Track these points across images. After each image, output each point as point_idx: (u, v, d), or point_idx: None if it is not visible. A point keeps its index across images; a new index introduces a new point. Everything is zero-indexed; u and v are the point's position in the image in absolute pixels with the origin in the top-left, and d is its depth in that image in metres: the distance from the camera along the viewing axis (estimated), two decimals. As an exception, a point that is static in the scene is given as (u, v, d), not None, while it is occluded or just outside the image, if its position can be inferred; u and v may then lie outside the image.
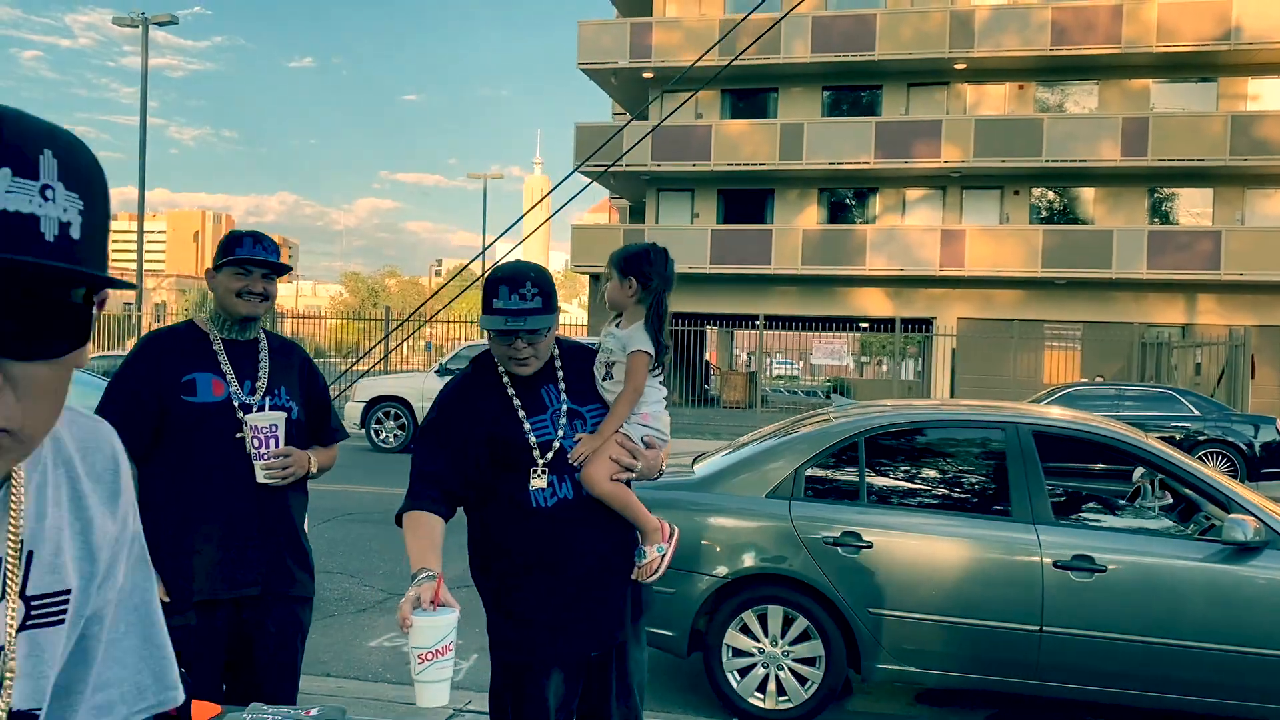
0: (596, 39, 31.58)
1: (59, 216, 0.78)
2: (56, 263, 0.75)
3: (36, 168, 0.78)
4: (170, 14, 30.05)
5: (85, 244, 0.80)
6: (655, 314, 3.00)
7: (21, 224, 0.76)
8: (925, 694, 5.89)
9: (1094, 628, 4.98)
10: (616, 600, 2.90)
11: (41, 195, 0.78)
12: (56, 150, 0.80)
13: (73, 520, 0.99)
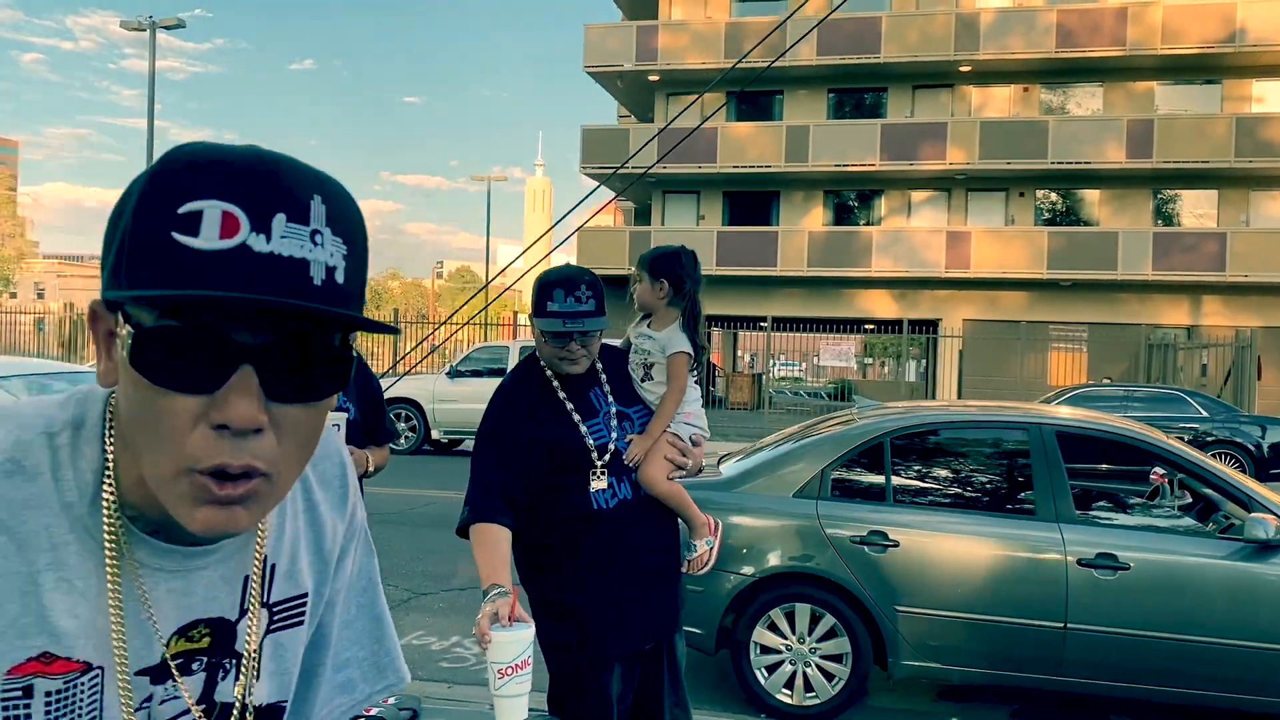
0: (603, 42, 31.67)
1: (326, 261, 0.79)
2: (325, 307, 0.76)
3: (308, 213, 0.79)
4: (177, 17, 30.13)
5: (348, 287, 0.81)
6: (691, 315, 3.09)
7: (293, 268, 0.77)
8: (948, 690, 5.97)
9: (1117, 624, 5.07)
10: (671, 595, 2.99)
11: (311, 240, 0.78)
12: (325, 196, 0.81)
13: (307, 529, 1.04)
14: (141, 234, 0.77)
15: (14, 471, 0.85)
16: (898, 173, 29.57)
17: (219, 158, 0.79)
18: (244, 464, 0.78)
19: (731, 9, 32.22)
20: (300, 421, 0.82)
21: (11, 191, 56.97)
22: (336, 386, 0.83)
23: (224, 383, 0.77)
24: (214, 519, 0.80)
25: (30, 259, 62.46)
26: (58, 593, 0.85)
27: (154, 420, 0.78)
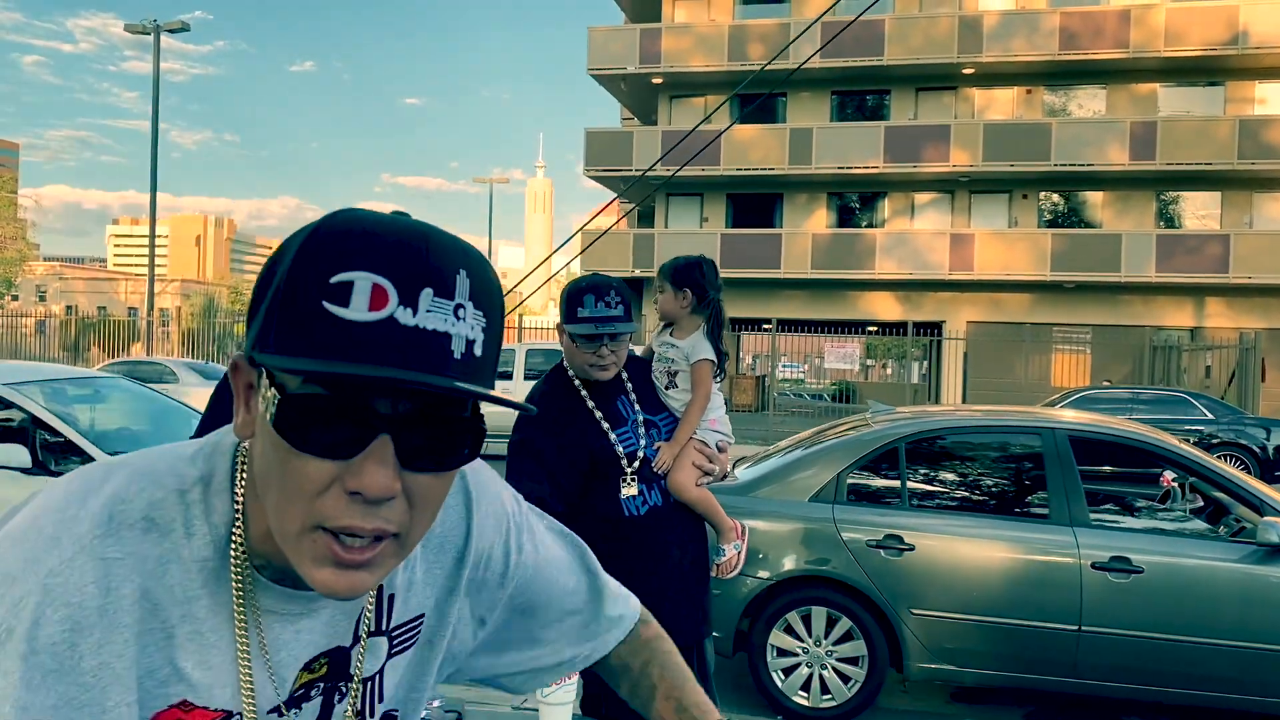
0: (606, 45, 31.73)
1: (467, 335, 0.81)
2: (465, 385, 0.78)
3: (453, 288, 0.81)
4: (181, 20, 30.20)
5: (484, 360, 0.83)
6: (715, 322, 3.15)
7: (435, 342, 0.79)
8: (961, 692, 6.03)
9: (1131, 627, 5.13)
10: (700, 599, 3.05)
11: (454, 314, 0.80)
12: (469, 270, 0.83)
13: (428, 553, 1.07)
14: (293, 299, 0.80)
15: (150, 529, 0.88)
16: (901, 175, 29.63)
17: (372, 229, 0.81)
18: (375, 528, 0.81)
19: (735, 12, 32.28)
20: (430, 487, 0.84)
21: (12, 194, 56.92)
22: (468, 456, 0.85)
23: (362, 450, 0.79)
24: (336, 581, 0.82)
25: (32, 261, 62.46)
26: (191, 644, 0.88)
27: (289, 479, 0.81)
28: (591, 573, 1.30)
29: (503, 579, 1.14)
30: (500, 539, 1.13)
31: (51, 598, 0.82)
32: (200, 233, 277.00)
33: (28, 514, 0.89)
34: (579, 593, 1.24)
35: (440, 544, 1.07)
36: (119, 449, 6.94)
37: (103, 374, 8.47)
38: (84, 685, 0.83)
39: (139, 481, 0.90)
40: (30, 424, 6.92)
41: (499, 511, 1.13)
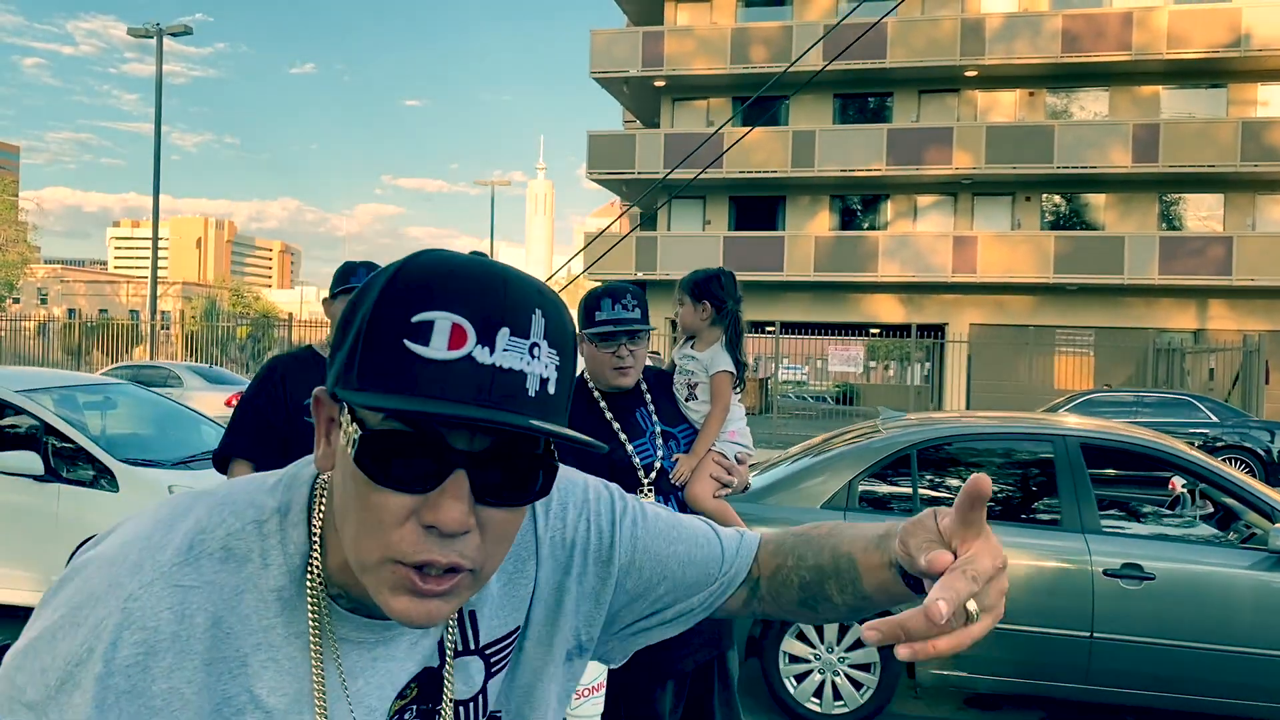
0: (609, 48, 31.76)
1: (541, 373, 0.83)
2: (539, 425, 0.80)
3: (529, 328, 0.83)
4: (183, 24, 30.23)
5: (557, 397, 0.85)
6: (734, 333, 3.17)
7: (511, 380, 0.81)
8: (973, 699, 6.03)
9: (1143, 633, 5.14)
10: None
11: (530, 353, 0.83)
12: (545, 310, 0.85)
13: (507, 567, 1.07)
14: (376, 338, 0.82)
15: (228, 559, 0.91)
16: (904, 177, 29.65)
17: (452, 270, 0.84)
18: (450, 561, 0.83)
19: (737, 14, 32.31)
20: (503, 522, 0.86)
21: (13, 197, 56.97)
22: (542, 492, 0.87)
23: (438, 485, 0.82)
24: (413, 610, 0.84)
25: (33, 264, 62.50)
26: (266, 672, 0.90)
27: (367, 512, 0.83)
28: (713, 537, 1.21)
29: (605, 565, 1.11)
30: (587, 526, 1.11)
31: (129, 621, 0.86)
32: (201, 235, 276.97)
33: (117, 539, 0.93)
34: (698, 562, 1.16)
35: (517, 553, 1.07)
36: (129, 455, 6.96)
37: (111, 380, 8.48)
38: (153, 709, 0.86)
39: (220, 512, 0.93)
40: (42, 431, 6.93)
41: (579, 500, 1.13)
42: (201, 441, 7.97)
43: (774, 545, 1.17)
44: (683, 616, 1.16)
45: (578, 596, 1.10)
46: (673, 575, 1.14)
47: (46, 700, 0.85)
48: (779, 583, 1.14)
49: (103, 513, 6.69)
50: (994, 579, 0.85)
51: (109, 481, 6.74)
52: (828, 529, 1.13)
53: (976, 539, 0.86)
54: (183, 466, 7.14)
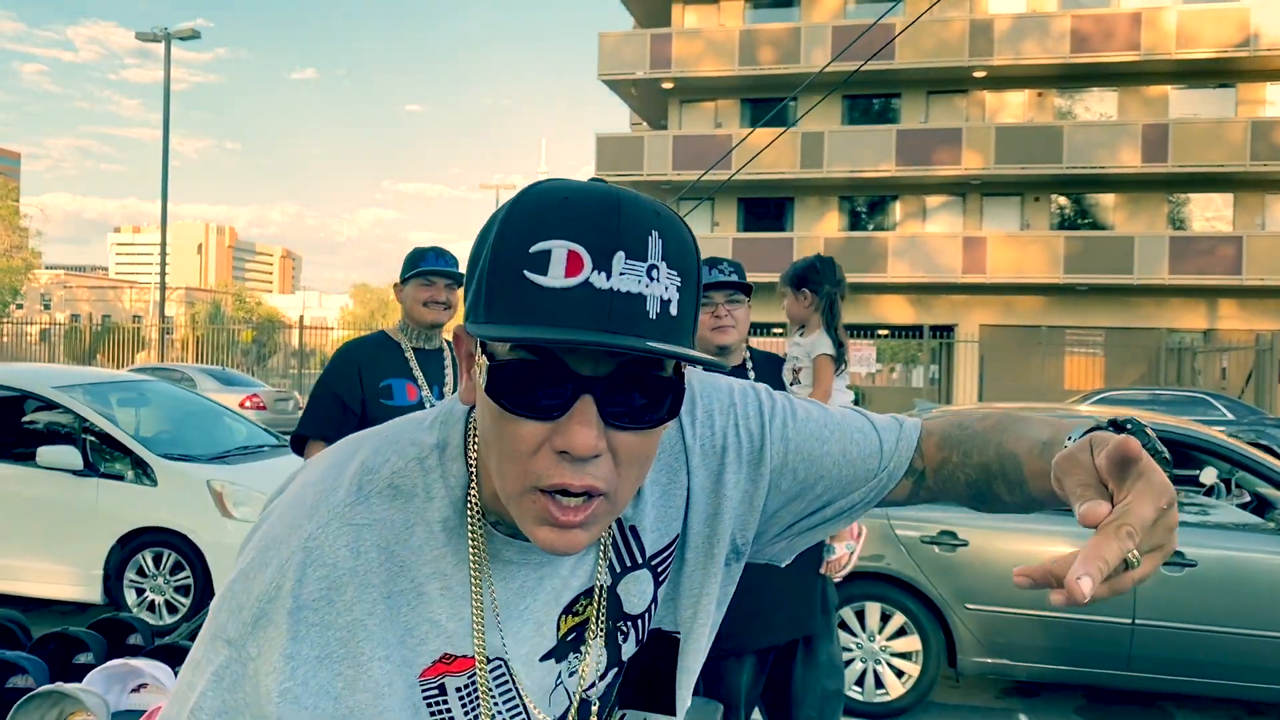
0: (617, 51, 31.83)
1: (661, 295, 0.84)
2: (658, 346, 0.81)
3: (646, 250, 0.84)
4: (191, 28, 30.28)
5: (681, 319, 0.86)
6: (830, 315, 3.22)
7: (631, 303, 0.82)
8: (1012, 687, 6.07)
9: (1185, 620, 5.17)
10: (808, 592, 3.09)
11: (648, 275, 0.84)
12: (662, 231, 0.86)
13: (660, 479, 1.08)
14: (498, 271, 0.85)
15: (395, 496, 0.95)
16: (913, 178, 29.69)
17: (566, 198, 0.85)
18: (585, 484, 0.85)
19: (745, 16, 32.37)
20: (634, 445, 0.87)
21: (15, 203, 57.12)
22: (669, 414, 0.88)
23: (566, 411, 0.84)
24: (555, 540, 0.87)
25: (36, 270, 62.65)
26: (442, 599, 0.95)
27: (504, 441, 0.86)
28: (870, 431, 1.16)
29: (756, 468, 1.11)
30: (735, 430, 1.10)
31: (311, 559, 0.92)
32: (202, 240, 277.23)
33: (297, 484, 0.99)
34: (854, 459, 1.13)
35: (668, 464, 1.08)
36: (165, 450, 7.01)
37: (143, 377, 8.53)
38: (340, 640, 0.91)
39: (384, 452, 0.98)
40: (79, 426, 6.98)
41: (725, 405, 1.11)
42: (233, 437, 8.02)
43: (938, 437, 1.14)
44: (845, 513, 1.15)
45: (732, 501, 1.10)
46: (829, 474, 1.12)
47: (244, 636, 0.91)
48: (944, 477, 1.13)
49: (142, 506, 6.74)
50: (1160, 520, 0.80)
51: (148, 476, 6.78)
52: (993, 422, 1.11)
53: (1137, 480, 0.80)
54: (219, 461, 7.19)
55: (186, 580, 6.66)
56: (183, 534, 6.66)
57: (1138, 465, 0.80)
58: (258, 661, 0.90)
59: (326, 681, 0.91)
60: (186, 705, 0.92)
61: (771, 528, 1.14)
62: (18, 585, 6.77)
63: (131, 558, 6.73)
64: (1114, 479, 0.82)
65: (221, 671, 0.91)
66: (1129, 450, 0.80)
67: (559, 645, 1.01)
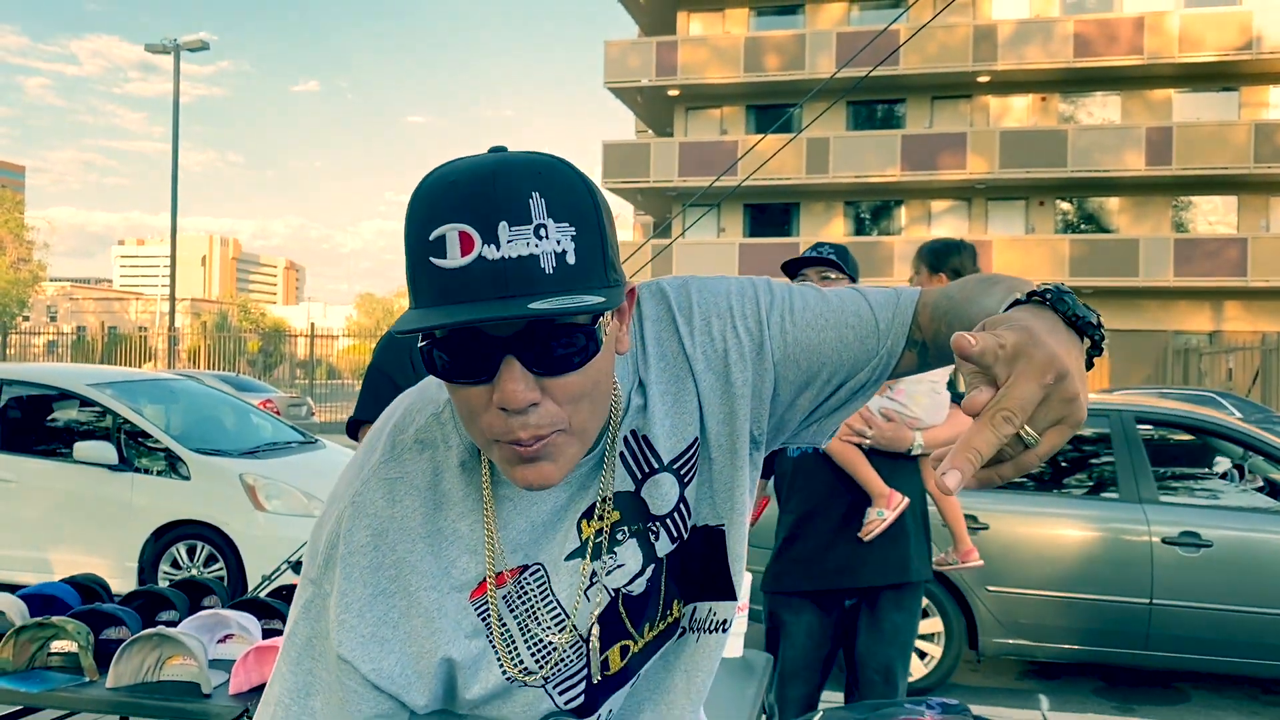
0: (623, 58, 32.02)
1: (554, 249, 0.89)
2: (544, 305, 0.87)
3: (528, 212, 0.89)
4: (200, 39, 30.45)
5: (581, 265, 0.91)
6: None
7: (522, 267, 0.88)
8: (1031, 668, 6.19)
9: (1202, 600, 5.30)
10: (862, 549, 3.24)
11: (536, 235, 0.89)
12: (542, 189, 0.91)
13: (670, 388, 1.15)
14: (411, 261, 0.93)
15: (422, 448, 1.10)
16: (918, 183, 29.84)
17: (453, 180, 0.92)
18: (530, 434, 0.94)
19: (750, 24, 32.57)
20: (571, 385, 0.94)
21: (20, 216, 57.40)
22: (590, 354, 0.94)
23: (495, 373, 0.92)
24: (528, 475, 0.96)
25: (42, 282, 62.92)
26: (473, 530, 1.08)
27: (459, 405, 0.97)
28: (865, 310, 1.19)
29: (759, 365, 1.15)
30: (734, 332, 1.15)
31: (357, 511, 1.09)
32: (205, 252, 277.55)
33: (358, 450, 1.17)
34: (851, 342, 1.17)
35: (674, 374, 1.14)
36: (197, 445, 7.15)
37: (171, 375, 8.68)
38: (390, 577, 1.08)
39: (409, 413, 1.13)
40: (113, 422, 7.13)
41: (723, 310, 1.16)
42: (260, 434, 8.16)
43: (931, 308, 1.16)
44: (858, 391, 1.19)
45: (744, 399, 1.15)
46: (830, 359, 1.16)
47: (320, 576, 1.09)
48: (939, 346, 1.15)
49: (176, 500, 6.88)
50: (1050, 396, 0.77)
51: (181, 470, 6.93)
52: (969, 289, 1.12)
53: (1016, 361, 0.77)
54: (249, 456, 7.34)
55: (220, 572, 6.79)
56: (216, 526, 6.81)
57: (1012, 348, 0.77)
58: (330, 596, 1.08)
59: (383, 613, 1.07)
60: (287, 634, 1.11)
61: (793, 417, 1.20)
62: (54, 578, 6.91)
63: (166, 550, 6.87)
64: (1000, 366, 0.77)
65: (308, 604, 1.09)
66: (961, 347, 0.77)
67: (584, 545, 1.11)
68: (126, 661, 2.32)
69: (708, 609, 1.23)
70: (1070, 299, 0.88)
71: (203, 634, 2.47)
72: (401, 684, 1.08)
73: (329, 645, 1.07)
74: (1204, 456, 6.51)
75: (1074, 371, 0.78)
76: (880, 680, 3.32)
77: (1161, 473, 5.81)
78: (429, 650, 1.08)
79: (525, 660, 1.12)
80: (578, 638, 1.13)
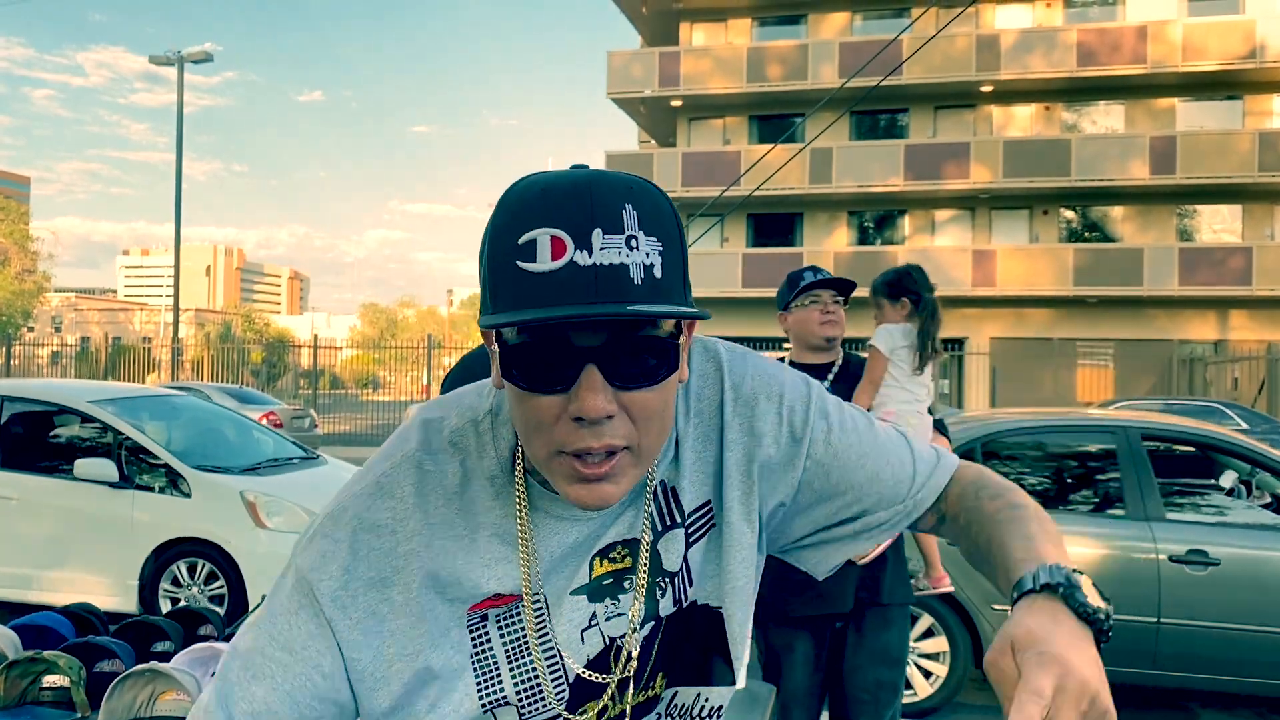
0: (626, 69, 32.05)
1: (643, 261, 0.91)
2: (640, 308, 0.89)
3: (621, 223, 0.91)
4: (204, 50, 30.56)
5: (666, 280, 0.92)
6: (931, 319, 3.34)
7: (615, 274, 0.89)
8: (1037, 689, 6.13)
9: (1210, 618, 5.25)
10: (849, 572, 3.21)
11: (627, 246, 0.90)
12: (635, 203, 0.93)
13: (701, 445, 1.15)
14: (495, 266, 0.94)
15: (455, 451, 1.08)
16: (921, 192, 29.82)
17: (543, 188, 0.94)
18: (604, 445, 0.94)
19: (752, 34, 32.59)
20: (647, 401, 0.96)
21: (25, 227, 57.56)
22: (670, 369, 0.96)
23: (575, 382, 0.92)
24: (585, 495, 0.96)
25: (46, 292, 63.06)
26: (491, 544, 1.07)
27: (527, 415, 0.96)
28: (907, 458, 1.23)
29: (790, 459, 1.16)
30: (778, 416, 1.16)
31: (382, 492, 1.07)
32: (210, 262, 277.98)
33: (385, 444, 1.15)
34: (886, 480, 1.20)
35: (704, 433, 1.15)
36: (198, 462, 7.13)
37: (172, 392, 8.66)
38: (395, 567, 1.05)
39: (449, 414, 1.12)
40: (114, 439, 7.10)
41: (773, 391, 1.16)
42: (262, 450, 8.14)
43: (959, 490, 1.20)
44: (870, 530, 1.21)
45: (765, 479, 1.16)
46: (860, 485, 1.18)
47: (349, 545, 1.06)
48: (955, 531, 1.20)
49: (177, 517, 6.85)
50: (1087, 716, 0.83)
51: (182, 487, 6.90)
52: (997, 507, 1.14)
53: (1058, 695, 0.83)
54: (250, 473, 7.31)
55: (221, 590, 6.76)
56: (217, 544, 6.78)
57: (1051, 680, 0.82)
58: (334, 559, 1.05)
59: (374, 604, 1.04)
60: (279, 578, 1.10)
61: (800, 526, 1.21)
62: (54, 596, 6.87)
63: (166, 568, 6.84)
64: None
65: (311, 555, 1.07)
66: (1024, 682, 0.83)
67: (592, 584, 1.10)
68: (119, 697, 2.29)
69: (694, 694, 1.19)
70: (1080, 593, 0.91)
71: (196, 668, 2.43)
72: (369, 682, 1.05)
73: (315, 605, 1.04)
74: (1211, 473, 6.46)
75: (1100, 684, 0.84)
76: (869, 699, 3.29)
77: (1168, 489, 5.76)
78: (410, 652, 1.05)
79: (506, 688, 1.08)
80: (564, 680, 1.10)
